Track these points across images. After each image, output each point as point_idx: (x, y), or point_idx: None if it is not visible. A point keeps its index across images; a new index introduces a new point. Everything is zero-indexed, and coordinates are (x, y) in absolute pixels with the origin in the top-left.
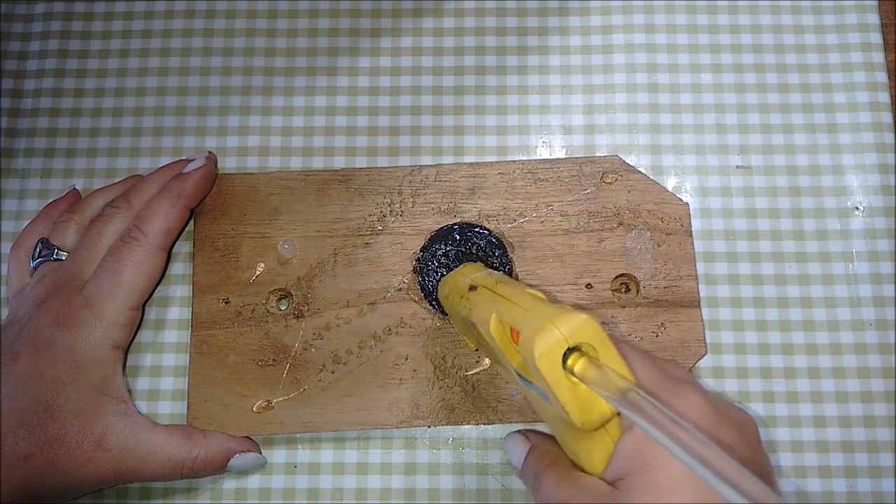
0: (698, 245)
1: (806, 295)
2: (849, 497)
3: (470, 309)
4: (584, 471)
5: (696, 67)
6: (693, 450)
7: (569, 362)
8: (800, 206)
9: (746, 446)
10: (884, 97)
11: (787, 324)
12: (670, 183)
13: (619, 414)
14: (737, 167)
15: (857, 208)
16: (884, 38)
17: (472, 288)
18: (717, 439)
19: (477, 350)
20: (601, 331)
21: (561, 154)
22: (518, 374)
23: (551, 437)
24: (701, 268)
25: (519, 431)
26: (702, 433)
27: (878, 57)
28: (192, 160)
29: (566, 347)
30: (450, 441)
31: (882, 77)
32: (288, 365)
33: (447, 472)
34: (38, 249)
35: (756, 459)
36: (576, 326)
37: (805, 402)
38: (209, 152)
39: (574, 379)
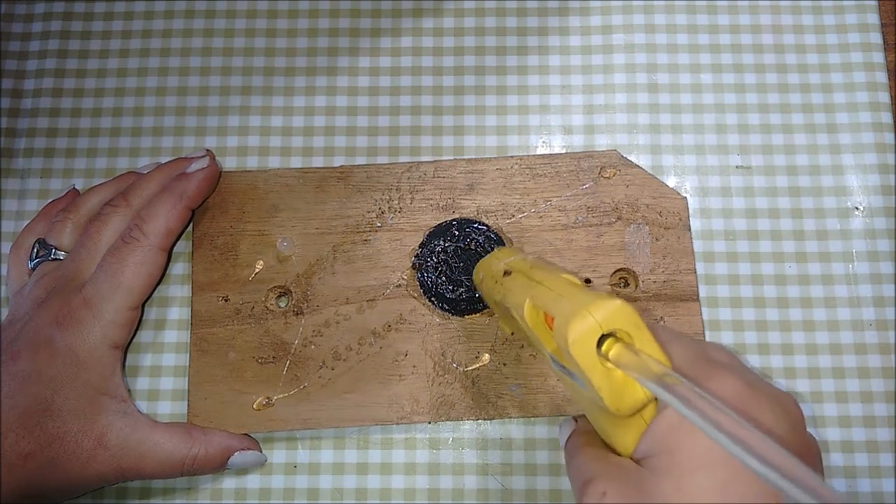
0: (698, 245)
1: (806, 295)
2: (849, 497)
3: (504, 294)
4: (616, 453)
5: (696, 67)
6: (728, 429)
7: (603, 348)
8: (800, 206)
9: (788, 428)
10: (884, 97)
11: (787, 324)
12: (670, 183)
13: (655, 400)
14: (737, 167)
15: (857, 208)
16: (884, 38)
17: (507, 273)
18: (754, 420)
19: (512, 334)
20: (636, 316)
21: None
22: (553, 360)
23: None
24: (701, 268)
25: (572, 416)
26: (737, 414)
27: (878, 57)
28: (195, 160)
29: (600, 333)
30: (450, 441)
31: (882, 77)
32: (288, 362)
33: (447, 472)
34: (35, 249)
35: (798, 441)
36: (610, 312)
37: (805, 402)
38: (207, 150)
39: (609, 365)
